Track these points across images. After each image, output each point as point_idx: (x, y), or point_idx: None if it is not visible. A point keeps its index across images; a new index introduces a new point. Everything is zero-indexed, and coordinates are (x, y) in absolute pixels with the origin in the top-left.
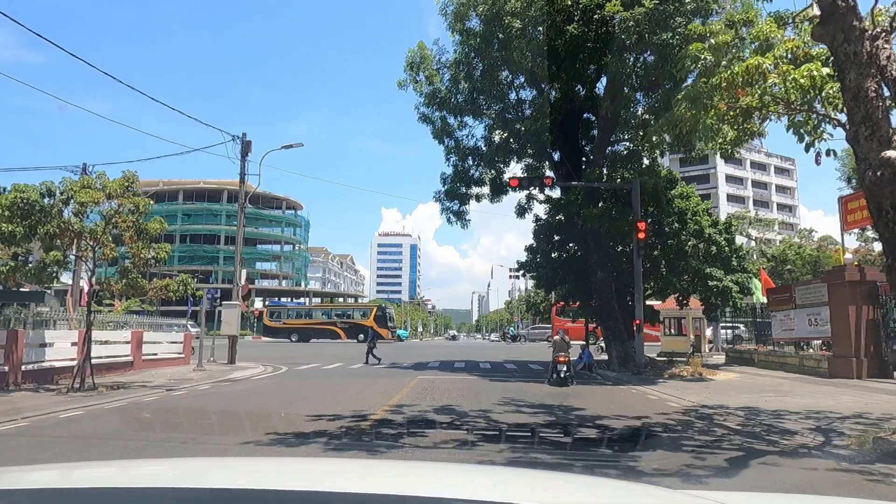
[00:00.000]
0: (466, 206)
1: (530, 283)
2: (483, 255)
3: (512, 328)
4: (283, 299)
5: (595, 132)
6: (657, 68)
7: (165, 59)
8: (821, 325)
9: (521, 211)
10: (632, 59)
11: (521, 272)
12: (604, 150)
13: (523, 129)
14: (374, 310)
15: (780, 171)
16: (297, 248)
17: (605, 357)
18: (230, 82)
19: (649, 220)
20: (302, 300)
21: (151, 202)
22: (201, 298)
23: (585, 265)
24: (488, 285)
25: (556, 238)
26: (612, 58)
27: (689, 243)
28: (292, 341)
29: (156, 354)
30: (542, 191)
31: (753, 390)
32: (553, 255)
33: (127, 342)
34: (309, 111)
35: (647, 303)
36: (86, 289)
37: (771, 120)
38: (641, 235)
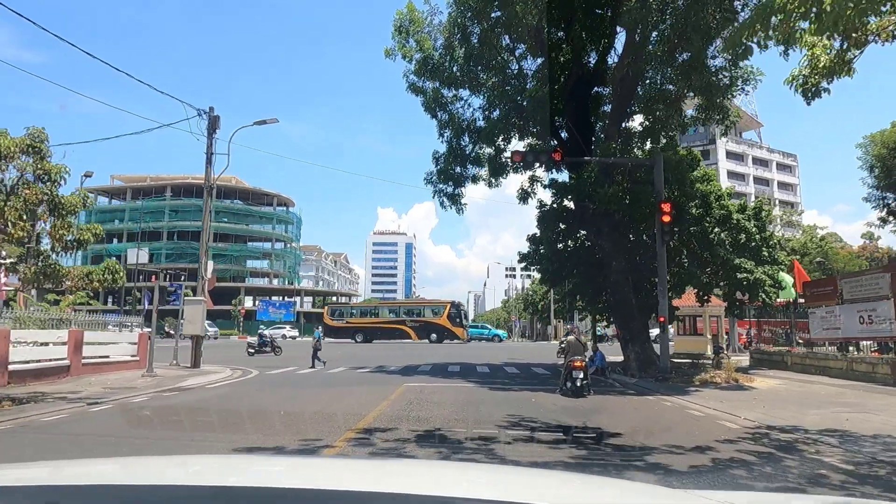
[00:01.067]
0: (462, 189)
1: (527, 282)
2: (479, 254)
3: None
4: (274, 298)
5: (608, 108)
6: (688, 17)
7: (161, 57)
8: (877, 322)
9: (524, 196)
10: (657, 4)
11: (524, 265)
12: (619, 124)
13: (526, 101)
14: (448, 307)
15: (783, 167)
16: (288, 245)
17: (615, 359)
18: (228, 81)
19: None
20: (293, 299)
21: (67, 168)
22: (173, 294)
23: (598, 255)
24: (484, 284)
25: (563, 227)
26: (634, 2)
27: (715, 230)
28: (357, 342)
29: (108, 357)
30: (549, 168)
31: (814, 403)
32: (559, 246)
33: (63, 343)
34: (305, 110)
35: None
36: (2, 279)
37: (874, 41)
38: (667, 218)
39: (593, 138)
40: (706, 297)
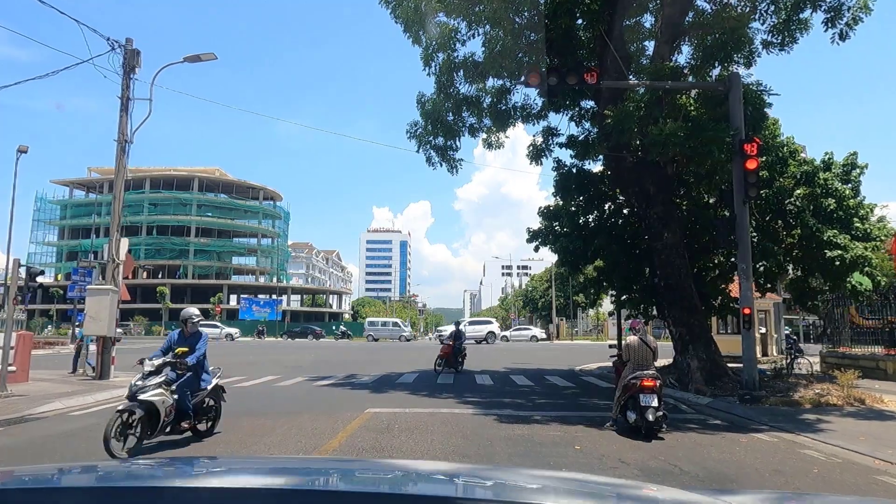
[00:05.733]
0: (456, 141)
1: (525, 279)
2: (475, 253)
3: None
4: (260, 296)
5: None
6: None
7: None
8: None
9: (537, 154)
10: None
11: (535, 244)
12: (673, 42)
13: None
14: None
15: None
16: (275, 241)
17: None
18: (223, 78)
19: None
20: (281, 297)
21: None
22: (81, 281)
23: (641, 225)
24: (480, 283)
25: (581, 198)
26: None
27: (796, 193)
28: None
29: None
30: (576, 103)
31: None
32: (580, 221)
33: None
34: (300, 108)
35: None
36: None
37: None
38: (753, 164)
39: (632, 66)
40: (769, 284)
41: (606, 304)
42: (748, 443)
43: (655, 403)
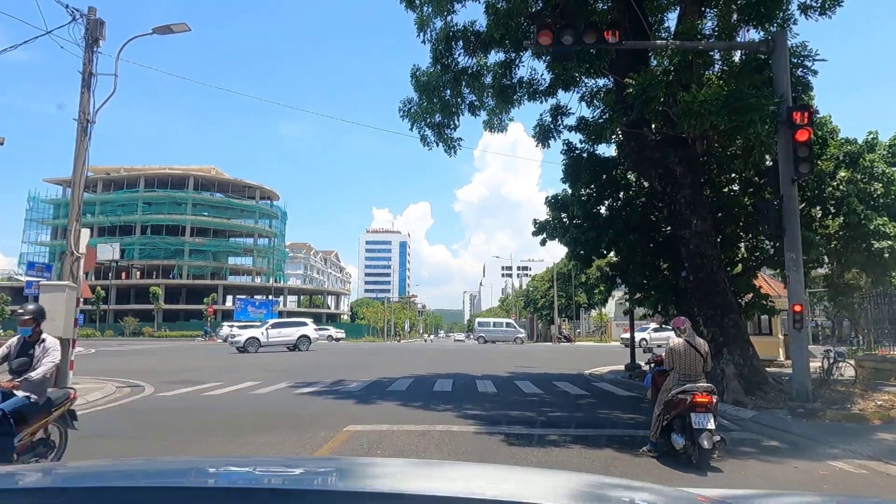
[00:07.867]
0: (454, 119)
1: (525, 279)
2: (475, 254)
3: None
4: (257, 296)
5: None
6: None
7: (156, 56)
8: None
9: (545, 135)
10: None
11: (542, 238)
12: (703, 2)
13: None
14: None
15: None
16: (272, 241)
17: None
18: (224, 79)
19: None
20: (278, 298)
21: None
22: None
23: (664, 212)
24: (480, 284)
25: (593, 185)
26: None
27: (840, 176)
28: None
29: None
30: (593, 69)
31: None
32: (592, 211)
33: None
34: (300, 109)
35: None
36: None
37: None
38: (804, 135)
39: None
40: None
41: (609, 306)
42: (831, 476)
43: (712, 425)
